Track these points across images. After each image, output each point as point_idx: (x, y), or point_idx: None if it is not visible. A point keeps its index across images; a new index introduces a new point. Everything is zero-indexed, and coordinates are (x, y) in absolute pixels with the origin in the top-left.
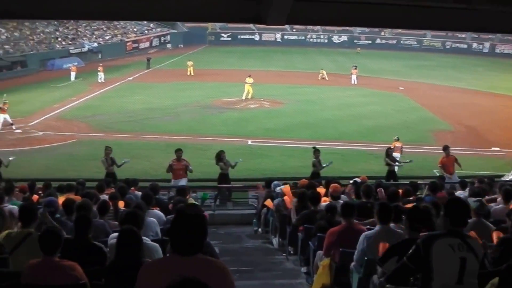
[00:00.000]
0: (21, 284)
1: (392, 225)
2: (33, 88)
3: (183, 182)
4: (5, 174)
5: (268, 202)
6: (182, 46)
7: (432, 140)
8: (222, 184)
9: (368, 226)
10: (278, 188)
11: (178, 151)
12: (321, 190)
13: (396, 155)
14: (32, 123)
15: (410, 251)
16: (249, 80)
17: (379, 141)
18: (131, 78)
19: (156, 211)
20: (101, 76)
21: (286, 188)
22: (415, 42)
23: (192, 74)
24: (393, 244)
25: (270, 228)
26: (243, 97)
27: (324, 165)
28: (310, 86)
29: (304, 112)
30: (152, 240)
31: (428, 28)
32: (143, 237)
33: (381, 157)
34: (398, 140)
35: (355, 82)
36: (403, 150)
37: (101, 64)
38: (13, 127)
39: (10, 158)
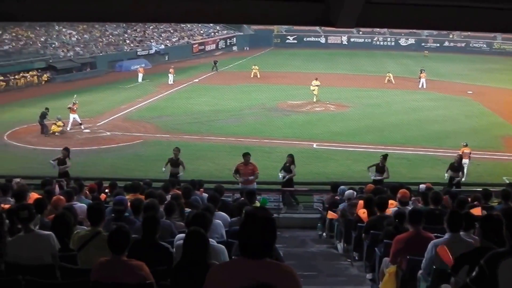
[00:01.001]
0: (89, 281)
1: (462, 233)
2: (101, 89)
3: (254, 187)
4: (74, 173)
5: (331, 215)
6: (247, 48)
7: (502, 146)
8: (286, 187)
9: (436, 234)
10: (344, 192)
11: (246, 155)
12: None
13: (465, 161)
14: (100, 123)
15: (474, 273)
16: (315, 82)
17: (446, 146)
18: (197, 80)
19: (221, 213)
20: (171, 78)
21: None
22: (485, 45)
23: (258, 76)
24: (464, 252)
25: (335, 233)
26: (314, 99)
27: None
28: (376, 90)
29: (370, 116)
30: (218, 242)
31: (501, 31)
32: (210, 239)
33: (448, 163)
34: (466, 146)
35: (424, 86)
36: (471, 156)
37: (172, 66)
38: (82, 127)
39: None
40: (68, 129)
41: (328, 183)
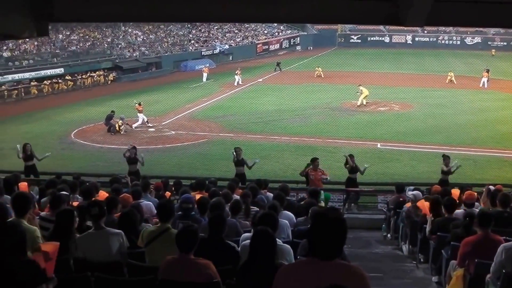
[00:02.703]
0: (157, 279)
1: None
2: (166, 89)
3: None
4: (141, 172)
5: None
6: (311, 48)
7: None
8: (350, 187)
9: (506, 238)
10: (410, 193)
11: (317, 161)
12: (455, 194)
13: None
14: (165, 122)
15: None
16: (364, 91)
17: None
18: (261, 80)
19: (287, 212)
20: (238, 79)
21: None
22: None
23: (322, 76)
24: None
25: (400, 235)
26: (359, 103)
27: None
28: (442, 89)
29: (435, 116)
30: (283, 242)
31: None
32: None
33: None
34: None
35: (485, 86)
36: None
37: (239, 68)
38: (148, 124)
39: (47, 154)
40: (134, 127)
41: (393, 184)
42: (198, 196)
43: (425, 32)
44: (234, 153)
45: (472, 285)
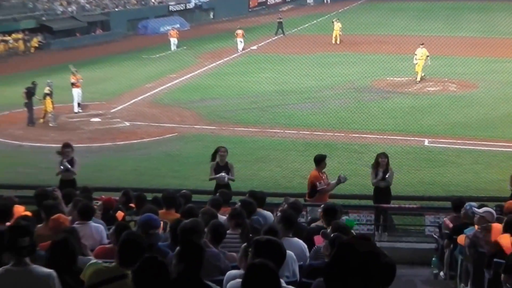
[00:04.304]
0: None
1: None
2: (117, 60)
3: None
4: (79, 181)
5: (461, 238)
6: (328, 1)
7: None
8: (381, 202)
9: None
10: (477, 211)
11: (325, 160)
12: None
13: None
14: (115, 109)
15: None
16: (423, 52)
17: None
18: (255, 48)
19: (297, 240)
20: (240, 44)
21: (496, 226)
22: None
23: (338, 42)
24: None
25: (459, 272)
26: (418, 78)
27: None
28: None
29: (510, 100)
30: (288, 283)
31: None
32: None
33: None
34: None
35: None
36: None
37: (239, 27)
38: (76, 110)
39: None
40: (75, 111)
41: (449, 198)
42: (166, 217)
43: None
44: (218, 156)
45: None
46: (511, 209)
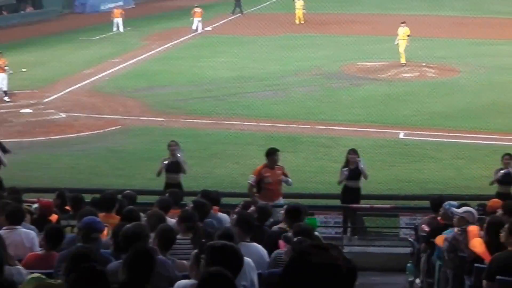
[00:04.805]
0: None
1: None
2: (51, 42)
3: (280, 202)
4: (7, 181)
5: (439, 239)
6: None
7: None
8: (350, 202)
9: None
10: (456, 212)
11: (277, 153)
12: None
13: None
14: (49, 99)
15: None
16: (404, 31)
17: None
18: (210, 28)
19: (256, 246)
20: (197, 24)
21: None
22: None
23: (303, 21)
24: None
25: (437, 279)
26: (402, 61)
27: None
28: (509, 42)
29: (495, 86)
30: None
31: None
32: None
33: None
34: None
35: None
36: None
37: (196, 5)
38: (7, 97)
39: None
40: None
41: (427, 197)
42: (107, 221)
43: None
44: (165, 162)
45: None
46: (495, 208)
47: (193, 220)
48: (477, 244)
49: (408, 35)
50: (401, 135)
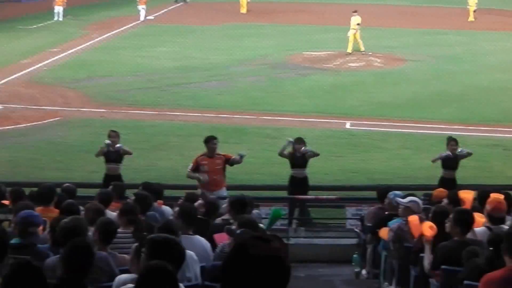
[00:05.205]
0: None
1: None
2: None
3: (223, 193)
4: None
5: (384, 232)
6: None
7: None
8: (297, 193)
9: None
10: (402, 202)
11: (212, 140)
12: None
13: None
14: None
15: None
16: (355, 20)
17: None
18: (152, 17)
19: (199, 238)
20: (142, 12)
21: (414, 221)
22: None
23: (245, 11)
24: None
25: (382, 270)
26: (349, 50)
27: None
28: (457, 32)
29: (442, 76)
30: (189, 287)
31: None
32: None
33: None
34: None
35: None
36: None
37: None
38: None
39: None
40: None
41: (373, 188)
42: (45, 214)
43: None
44: (107, 141)
45: None
46: (440, 198)
47: (134, 213)
48: (427, 228)
49: (358, 24)
50: (348, 125)
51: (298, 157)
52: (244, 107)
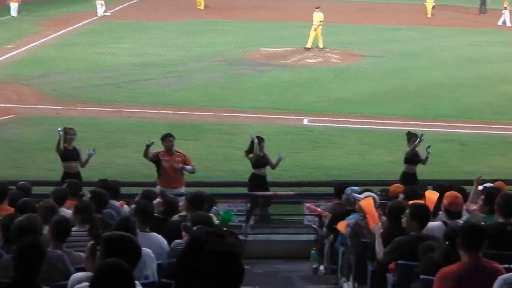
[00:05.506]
0: None
1: None
2: None
3: (182, 191)
4: None
5: (341, 225)
6: None
7: None
8: (257, 190)
9: (508, 266)
10: (358, 197)
11: (168, 138)
12: (431, 199)
13: None
14: None
15: None
16: (318, 17)
17: None
18: (108, 14)
19: (155, 235)
20: (100, 7)
21: (366, 203)
22: None
23: (202, 8)
24: None
25: (340, 265)
26: (308, 45)
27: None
28: (413, 28)
29: (399, 72)
30: (145, 285)
31: None
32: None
33: None
34: None
35: (508, 23)
36: None
37: None
38: None
39: None
40: None
41: (331, 184)
42: None
43: None
44: (61, 134)
45: None
46: (396, 193)
47: (89, 211)
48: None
49: (321, 21)
50: (305, 122)
51: (261, 157)
52: (201, 103)
